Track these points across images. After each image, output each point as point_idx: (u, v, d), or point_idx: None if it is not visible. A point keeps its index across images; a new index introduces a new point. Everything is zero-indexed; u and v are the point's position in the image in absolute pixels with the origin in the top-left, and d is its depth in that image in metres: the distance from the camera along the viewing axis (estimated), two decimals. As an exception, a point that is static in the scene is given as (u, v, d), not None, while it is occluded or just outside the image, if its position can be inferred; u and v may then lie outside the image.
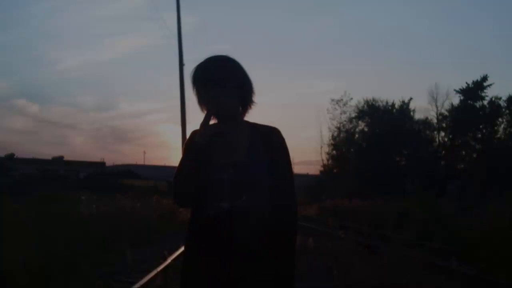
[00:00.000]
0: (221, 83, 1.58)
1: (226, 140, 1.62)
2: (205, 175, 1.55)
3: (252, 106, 1.69)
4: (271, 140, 1.62)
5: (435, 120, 27.35)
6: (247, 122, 1.68)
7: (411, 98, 28.34)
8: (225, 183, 1.54)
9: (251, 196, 1.53)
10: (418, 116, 28.75)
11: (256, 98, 1.69)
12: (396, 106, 28.48)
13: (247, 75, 1.68)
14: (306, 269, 6.26)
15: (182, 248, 2.67)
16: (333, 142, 30.65)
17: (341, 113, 29.93)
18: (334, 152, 30.75)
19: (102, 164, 54.99)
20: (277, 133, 1.65)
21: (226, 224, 1.52)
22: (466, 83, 25.90)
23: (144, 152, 78.13)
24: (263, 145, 1.60)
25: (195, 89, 1.66)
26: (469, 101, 25.73)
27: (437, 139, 27.67)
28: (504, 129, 25.90)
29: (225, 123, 1.64)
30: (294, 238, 1.60)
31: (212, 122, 1.65)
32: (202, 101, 1.64)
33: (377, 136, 26.90)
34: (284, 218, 1.57)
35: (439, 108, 27.09)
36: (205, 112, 1.62)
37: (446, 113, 26.85)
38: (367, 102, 29.00)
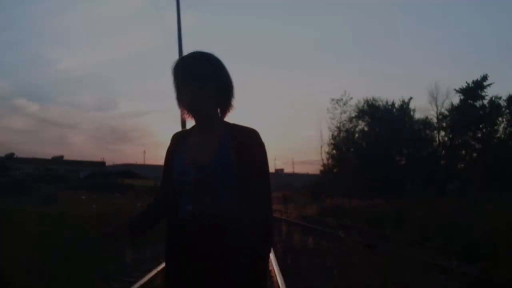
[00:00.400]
0: (202, 80, 1.53)
1: (196, 141, 1.60)
2: (175, 181, 1.56)
3: (230, 110, 1.63)
4: (246, 142, 1.55)
5: (435, 120, 27.39)
6: (225, 123, 1.62)
7: (411, 98, 28.41)
8: (190, 185, 1.52)
9: (214, 200, 1.50)
10: (418, 115, 28.82)
11: (235, 103, 1.64)
12: (396, 105, 28.52)
13: (230, 77, 1.63)
14: (306, 269, 6.25)
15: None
16: (333, 142, 30.68)
17: (341, 113, 29.97)
18: (334, 151, 30.76)
19: (102, 164, 55.04)
20: (254, 135, 1.58)
21: (190, 228, 1.50)
22: (466, 82, 25.96)
23: (144, 152, 78.09)
24: (236, 147, 1.53)
25: (175, 83, 1.61)
26: (469, 101, 25.75)
27: (437, 139, 27.69)
28: (504, 128, 25.93)
29: (200, 122, 1.61)
30: (263, 250, 1.51)
31: (188, 120, 1.64)
32: (181, 96, 1.58)
33: (377, 136, 26.91)
34: (253, 226, 1.47)
35: (439, 108, 27.13)
36: (182, 108, 1.60)
37: (446, 112, 26.88)
38: (367, 101, 29.04)
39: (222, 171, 1.50)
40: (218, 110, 1.62)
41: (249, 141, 1.56)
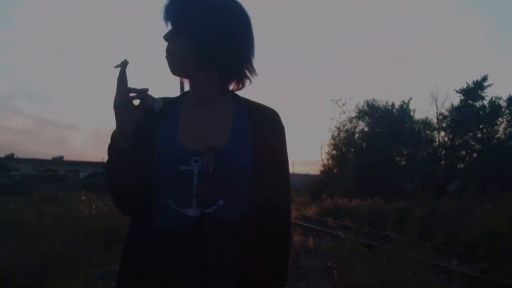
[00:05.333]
0: (174, 30, 1.10)
1: (197, 118, 1.13)
2: (160, 167, 1.07)
3: (245, 81, 1.17)
4: (265, 126, 1.14)
5: (435, 120, 27.39)
6: (234, 95, 1.19)
7: (411, 98, 28.40)
8: (193, 179, 1.05)
9: (229, 202, 1.07)
10: (418, 116, 28.84)
11: (256, 72, 1.17)
12: (396, 106, 28.51)
13: (245, 25, 1.14)
14: (306, 269, 6.26)
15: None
16: (333, 142, 30.69)
17: (340, 113, 30.00)
18: (334, 152, 30.77)
19: (102, 164, 55.01)
20: (276, 117, 1.17)
21: (193, 242, 1.04)
22: (466, 83, 25.95)
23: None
24: (252, 130, 1.12)
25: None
26: (469, 101, 25.75)
27: (437, 139, 27.69)
28: (504, 129, 25.91)
29: (198, 92, 1.16)
30: (284, 268, 1.15)
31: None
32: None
33: (377, 136, 26.91)
34: (272, 237, 1.11)
35: (439, 108, 27.14)
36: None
37: (446, 113, 26.89)
38: (367, 102, 29.04)
39: (238, 162, 1.08)
40: (217, 77, 1.13)
41: (269, 125, 1.16)
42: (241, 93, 1.21)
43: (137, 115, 1.07)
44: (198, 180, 1.05)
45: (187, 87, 1.19)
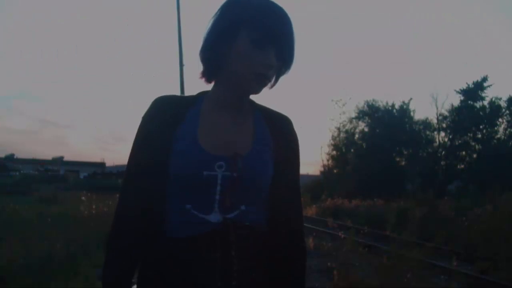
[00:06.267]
0: (283, 52, 1.06)
1: (219, 120, 1.10)
2: (179, 171, 1.03)
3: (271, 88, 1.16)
4: (283, 134, 1.15)
5: (435, 121, 27.40)
6: (251, 101, 1.17)
7: (411, 99, 28.42)
8: (216, 185, 1.02)
9: (251, 207, 1.06)
10: (418, 116, 28.86)
11: None
12: (396, 106, 28.52)
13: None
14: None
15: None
16: (333, 143, 30.71)
17: (340, 113, 30.02)
18: (334, 152, 30.79)
19: (102, 164, 55.05)
20: (292, 126, 1.18)
21: (216, 248, 1.01)
22: (467, 83, 25.94)
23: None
24: (272, 137, 1.12)
25: (228, 22, 1.05)
26: (469, 102, 25.76)
27: (437, 140, 27.70)
28: (504, 129, 25.92)
29: (235, 100, 1.12)
30: (305, 265, 1.18)
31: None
32: (238, 55, 1.03)
33: (377, 137, 26.93)
34: (291, 244, 1.13)
35: (439, 109, 27.17)
36: (211, 62, 1.08)
37: (446, 113, 26.89)
38: (367, 102, 29.06)
39: (262, 168, 1.07)
40: None
41: (287, 134, 1.17)
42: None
43: None
44: (222, 186, 1.02)
45: (187, 87, 1.17)
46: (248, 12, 1.03)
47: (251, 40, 1.02)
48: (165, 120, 1.06)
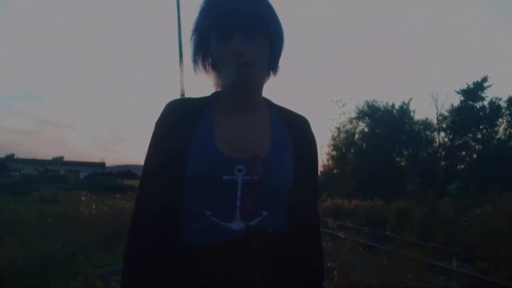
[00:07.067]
0: (252, 31, 0.99)
1: (235, 122, 1.05)
2: (197, 176, 0.98)
3: (276, 74, 1.11)
4: (302, 134, 1.11)
5: (435, 121, 27.44)
6: (265, 99, 1.13)
7: (411, 99, 28.50)
8: (237, 189, 0.97)
9: (273, 212, 1.00)
10: (418, 116, 28.90)
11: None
12: (396, 106, 28.55)
13: (280, 23, 1.08)
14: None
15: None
16: (333, 143, 30.75)
17: (340, 114, 30.06)
18: (334, 152, 30.81)
19: (102, 164, 55.12)
20: (309, 126, 1.14)
21: (238, 257, 0.95)
22: (467, 83, 26.02)
23: (144, 152, 77.97)
24: (291, 138, 1.08)
25: (197, 33, 1.05)
26: (469, 102, 25.79)
27: (437, 140, 27.74)
28: (504, 129, 25.95)
29: (241, 96, 1.06)
30: (323, 272, 1.14)
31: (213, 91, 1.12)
32: (216, 57, 1.02)
33: (377, 137, 26.95)
34: (307, 250, 1.08)
35: (439, 109, 27.27)
36: (210, 74, 1.06)
37: (446, 113, 26.94)
38: (367, 102, 29.08)
39: (283, 171, 1.03)
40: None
41: (305, 134, 1.12)
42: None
43: None
44: (242, 191, 0.97)
45: (187, 87, 1.15)
46: (205, 16, 1.03)
47: (216, 39, 1.01)
48: (180, 124, 1.03)
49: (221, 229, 0.96)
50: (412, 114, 28.34)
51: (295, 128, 1.10)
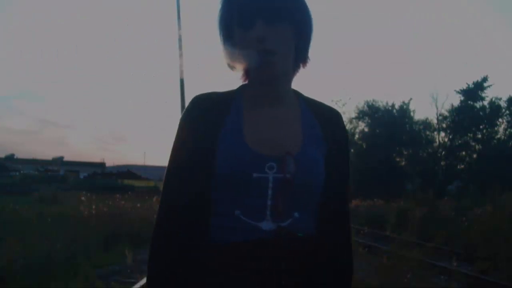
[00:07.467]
0: (275, 17, 0.95)
1: (264, 117, 1.00)
2: (226, 173, 0.93)
3: (305, 66, 1.05)
4: (334, 128, 1.04)
5: (435, 121, 27.44)
6: (294, 91, 1.06)
7: (411, 99, 28.49)
8: (268, 188, 0.93)
9: (304, 213, 0.95)
10: (418, 116, 28.91)
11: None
12: (396, 106, 28.55)
13: (309, 9, 1.02)
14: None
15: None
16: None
17: (340, 114, 30.11)
18: (334, 152, 30.85)
19: (102, 164, 55.13)
20: (341, 120, 1.07)
21: (265, 260, 0.91)
22: (467, 83, 26.01)
23: (144, 152, 78.17)
24: (323, 133, 1.01)
25: (222, 24, 1.02)
26: (469, 102, 25.78)
27: (437, 140, 27.74)
28: (504, 129, 25.95)
29: (268, 88, 1.01)
30: (351, 277, 1.13)
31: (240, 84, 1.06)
32: (239, 46, 0.97)
33: (377, 137, 26.94)
34: (340, 254, 1.05)
35: (439, 109, 27.22)
36: (236, 66, 1.00)
37: (446, 113, 26.94)
38: (367, 102, 29.09)
39: (316, 169, 0.96)
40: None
41: (337, 128, 1.05)
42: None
43: None
44: (273, 190, 0.92)
45: (187, 87, 1.11)
46: (228, 4, 1.00)
47: (238, 26, 0.97)
48: (207, 120, 0.98)
49: (251, 228, 0.91)
50: (412, 114, 28.37)
51: (327, 122, 1.03)
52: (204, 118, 0.98)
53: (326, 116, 1.04)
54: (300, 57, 1.01)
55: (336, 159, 1.00)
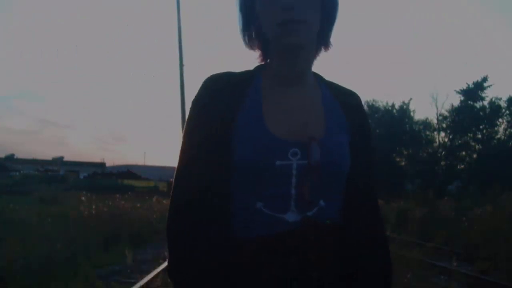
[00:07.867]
0: None
1: (284, 100, 0.93)
2: (246, 162, 0.86)
3: (327, 50, 0.98)
4: (356, 111, 0.99)
5: (435, 121, 27.42)
6: (315, 74, 1.00)
7: (411, 99, 28.46)
8: (291, 176, 0.86)
9: (330, 201, 0.89)
10: (418, 116, 28.90)
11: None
12: (396, 106, 28.54)
13: None
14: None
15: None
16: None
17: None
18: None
19: (102, 164, 55.15)
20: (360, 101, 1.02)
21: (292, 252, 0.85)
22: (467, 83, 25.98)
23: (144, 152, 78.13)
24: (346, 117, 0.95)
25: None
26: (469, 102, 25.77)
27: (437, 140, 27.72)
28: (504, 129, 25.94)
29: (289, 69, 0.94)
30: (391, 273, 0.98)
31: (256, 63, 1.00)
32: (262, 18, 0.91)
33: (377, 137, 26.93)
34: (374, 245, 0.94)
35: (439, 109, 27.23)
36: (255, 44, 0.95)
37: (446, 113, 26.92)
38: (367, 102, 29.06)
39: (341, 154, 0.90)
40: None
41: (359, 112, 1.00)
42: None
43: None
44: (297, 178, 0.85)
45: (187, 87, 1.03)
46: None
47: None
48: (223, 102, 0.89)
49: (274, 221, 0.85)
50: (412, 114, 28.34)
51: (349, 106, 0.97)
52: (219, 100, 0.90)
53: (347, 100, 0.98)
54: (323, 37, 0.95)
55: (360, 144, 0.94)
